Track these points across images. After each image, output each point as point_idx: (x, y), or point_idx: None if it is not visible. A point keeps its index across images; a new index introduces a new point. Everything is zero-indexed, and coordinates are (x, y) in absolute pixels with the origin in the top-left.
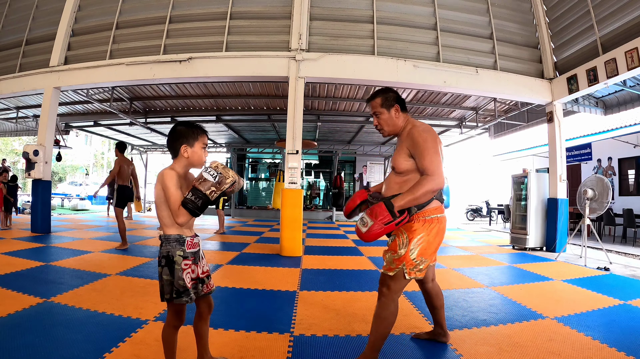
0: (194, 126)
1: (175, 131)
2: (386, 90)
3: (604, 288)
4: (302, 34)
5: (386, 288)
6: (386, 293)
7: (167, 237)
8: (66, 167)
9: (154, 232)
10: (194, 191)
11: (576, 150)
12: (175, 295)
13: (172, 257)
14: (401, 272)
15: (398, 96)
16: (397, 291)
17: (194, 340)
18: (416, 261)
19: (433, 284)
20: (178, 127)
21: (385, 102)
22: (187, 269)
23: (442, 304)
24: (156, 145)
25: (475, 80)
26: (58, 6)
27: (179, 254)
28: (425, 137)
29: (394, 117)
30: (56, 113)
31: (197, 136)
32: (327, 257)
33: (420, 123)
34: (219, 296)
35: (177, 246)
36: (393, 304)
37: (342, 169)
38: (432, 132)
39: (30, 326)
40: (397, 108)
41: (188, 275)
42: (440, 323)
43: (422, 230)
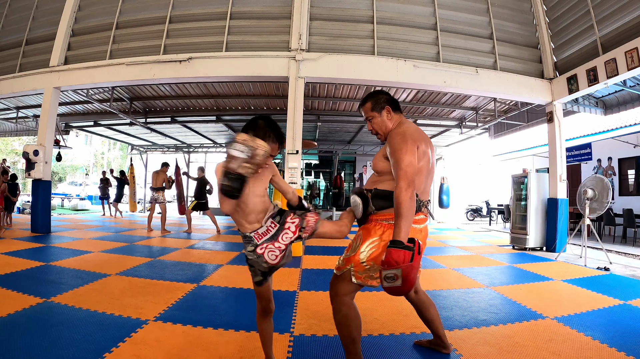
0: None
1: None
2: (376, 93)
3: (604, 288)
4: (302, 34)
5: (334, 290)
6: (333, 295)
7: (242, 235)
8: (66, 167)
9: (155, 232)
10: (225, 173)
11: (576, 150)
12: (262, 277)
13: (245, 255)
14: (348, 274)
15: (389, 98)
16: (346, 294)
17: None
18: (366, 266)
19: (417, 296)
20: (258, 120)
21: (375, 106)
22: (266, 251)
23: (434, 317)
24: (156, 145)
25: (475, 80)
26: (58, 6)
27: (250, 249)
28: (397, 141)
29: (386, 120)
30: (56, 113)
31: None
32: (327, 257)
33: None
34: (219, 296)
35: (247, 245)
36: (345, 307)
37: (342, 169)
38: (407, 134)
39: (30, 326)
40: (388, 109)
41: (271, 254)
42: (438, 334)
43: (376, 234)
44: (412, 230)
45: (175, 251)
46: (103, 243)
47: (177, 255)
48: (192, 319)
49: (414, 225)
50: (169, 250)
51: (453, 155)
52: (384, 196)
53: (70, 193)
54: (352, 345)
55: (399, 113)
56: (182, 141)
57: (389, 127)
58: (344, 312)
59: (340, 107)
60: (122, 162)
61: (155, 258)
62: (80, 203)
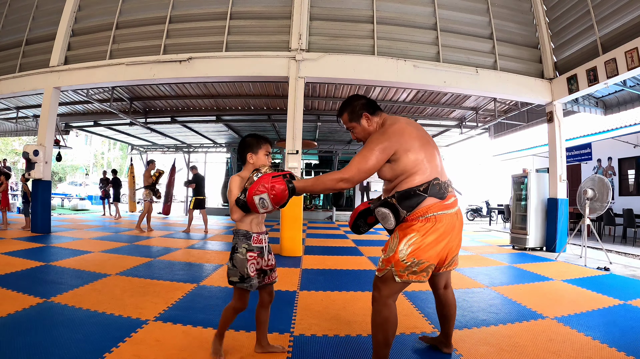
0: (258, 137)
1: (243, 142)
2: (350, 100)
3: (604, 288)
4: (302, 34)
5: (377, 291)
6: (377, 298)
7: (237, 231)
8: (66, 167)
9: (156, 233)
10: (244, 191)
11: (576, 150)
12: (239, 280)
13: (236, 249)
14: (390, 274)
15: (366, 101)
16: (389, 295)
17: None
18: (406, 263)
19: (445, 291)
20: (246, 138)
21: (352, 116)
22: (252, 260)
23: (451, 316)
24: (156, 145)
25: (475, 80)
26: (58, 6)
27: (244, 246)
28: (372, 138)
29: (366, 127)
30: (56, 113)
31: (260, 145)
32: (327, 257)
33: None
34: (219, 296)
35: (243, 240)
36: (386, 310)
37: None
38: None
39: (30, 326)
40: (366, 116)
41: (252, 266)
42: (446, 333)
43: (413, 230)
44: (449, 216)
45: (175, 251)
46: (103, 243)
47: (177, 255)
48: (192, 319)
49: (450, 210)
50: (169, 250)
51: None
52: (407, 195)
53: (70, 193)
54: (384, 349)
55: (379, 114)
56: (182, 141)
57: (372, 133)
58: (385, 315)
59: None
60: (122, 162)
61: (155, 258)
62: (80, 203)
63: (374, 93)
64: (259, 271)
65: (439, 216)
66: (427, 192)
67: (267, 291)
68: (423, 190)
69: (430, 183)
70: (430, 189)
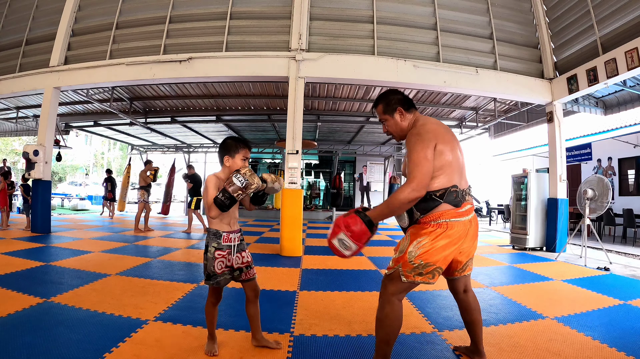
0: (237, 140)
1: (222, 143)
2: (387, 94)
3: (604, 288)
4: (302, 34)
5: (383, 288)
6: (382, 294)
7: (209, 230)
8: (66, 167)
9: (156, 233)
10: (223, 191)
11: (576, 150)
12: (206, 278)
13: (207, 247)
14: (397, 273)
15: (402, 97)
16: (394, 293)
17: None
18: (414, 264)
19: (465, 296)
20: (226, 140)
21: (387, 108)
22: (220, 259)
23: (474, 321)
24: (156, 145)
25: (475, 80)
26: (58, 6)
27: (213, 245)
28: (412, 141)
29: (399, 121)
30: (56, 113)
31: (238, 149)
32: (327, 257)
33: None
34: None
35: (213, 239)
36: (389, 307)
37: (342, 169)
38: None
39: (30, 326)
40: (400, 111)
41: (220, 263)
42: (474, 340)
43: (425, 234)
44: (462, 224)
45: (175, 251)
46: (103, 243)
47: (177, 255)
48: (192, 319)
49: (464, 218)
50: (169, 250)
51: None
52: (424, 198)
53: (70, 193)
54: (384, 347)
55: (413, 111)
56: (182, 141)
57: (403, 128)
58: (387, 311)
59: (340, 107)
60: (122, 162)
61: (155, 258)
62: (80, 203)
63: (374, 93)
64: (230, 268)
65: (451, 223)
66: (443, 198)
67: (250, 286)
68: (439, 196)
69: (447, 189)
70: (447, 196)
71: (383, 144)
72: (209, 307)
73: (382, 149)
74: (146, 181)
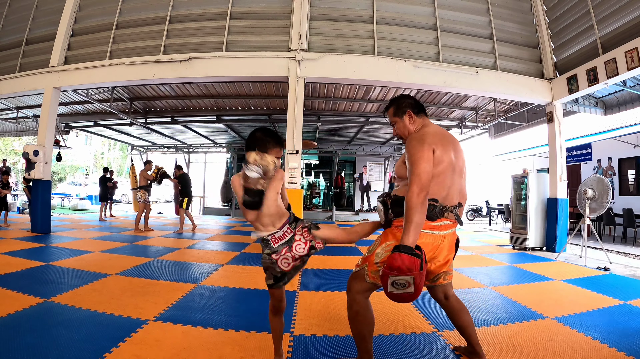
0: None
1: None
2: (399, 97)
3: (604, 288)
4: (302, 34)
5: (348, 285)
6: (347, 292)
7: (260, 238)
8: (66, 167)
9: (156, 233)
10: (246, 191)
11: (576, 150)
12: (274, 282)
13: (262, 255)
14: (362, 272)
15: (412, 102)
16: (358, 292)
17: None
18: (378, 266)
19: (447, 302)
20: (255, 133)
21: (397, 111)
22: (280, 259)
23: (463, 324)
24: (156, 145)
25: (475, 80)
26: (58, 6)
27: (267, 252)
28: (412, 145)
29: (407, 124)
30: (56, 113)
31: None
32: (327, 257)
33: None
34: (219, 296)
35: (264, 247)
36: (355, 304)
37: (342, 169)
38: (424, 137)
39: (30, 326)
40: (409, 114)
41: (284, 262)
42: (471, 342)
43: (392, 238)
44: (432, 236)
45: (175, 251)
46: (103, 243)
47: (177, 255)
48: (192, 319)
49: (435, 232)
50: (169, 250)
51: None
52: (398, 203)
53: (70, 193)
54: (361, 343)
55: (422, 116)
56: (182, 141)
57: (411, 131)
58: (355, 309)
59: (340, 107)
60: (122, 162)
61: (155, 258)
62: (80, 203)
63: (373, 93)
64: (298, 260)
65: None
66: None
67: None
68: None
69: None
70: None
71: (383, 144)
72: (272, 317)
73: (382, 149)
74: (146, 181)
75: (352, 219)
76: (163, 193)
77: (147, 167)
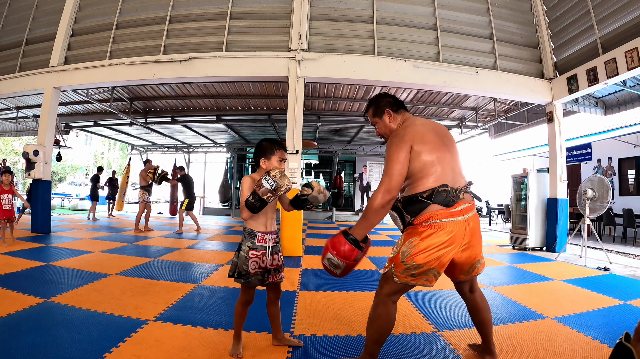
0: (273, 142)
1: (259, 145)
2: (376, 97)
3: (604, 288)
4: (302, 34)
5: (379, 288)
6: (377, 293)
7: (244, 229)
8: (66, 167)
9: (156, 233)
10: (253, 194)
11: (576, 150)
12: (236, 275)
13: (241, 246)
14: (391, 273)
15: (390, 100)
16: (389, 294)
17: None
18: (405, 264)
19: (472, 296)
20: (261, 143)
21: (376, 111)
22: (254, 258)
23: (483, 321)
24: (156, 145)
25: (475, 80)
26: (58, 6)
27: (248, 245)
28: (389, 143)
29: (387, 123)
30: (56, 113)
31: (274, 151)
32: None
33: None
34: (219, 296)
35: (248, 238)
36: (382, 306)
37: (342, 169)
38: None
39: (30, 326)
40: (388, 112)
41: (254, 264)
42: (485, 340)
43: (415, 234)
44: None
45: (175, 251)
46: (103, 243)
47: (177, 255)
48: (192, 319)
49: (458, 218)
50: (169, 250)
51: None
52: (411, 201)
53: (70, 193)
54: (373, 345)
55: (402, 112)
56: (182, 141)
57: (393, 129)
58: (380, 311)
59: (340, 107)
60: (122, 162)
61: (155, 258)
62: (80, 203)
63: (373, 93)
64: (263, 269)
65: (442, 223)
66: (431, 199)
67: (273, 289)
68: (427, 197)
69: (435, 190)
70: (435, 196)
71: (383, 144)
72: (239, 307)
73: (382, 149)
74: (146, 181)
75: (352, 219)
76: (163, 193)
77: (147, 167)
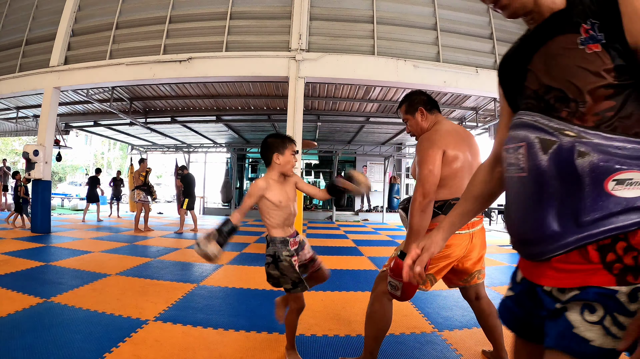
0: (282, 136)
1: (266, 143)
2: (411, 94)
3: None
4: (302, 34)
5: (375, 285)
6: (373, 290)
7: (273, 239)
8: (66, 167)
9: (156, 233)
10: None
11: None
12: (292, 286)
13: (278, 257)
14: (387, 273)
15: (425, 98)
16: (385, 292)
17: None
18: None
19: (478, 303)
20: (268, 139)
21: (409, 108)
22: (296, 263)
23: (490, 326)
24: (156, 145)
25: (475, 80)
26: (58, 6)
27: (286, 254)
28: (421, 147)
29: (419, 121)
30: (56, 113)
31: (285, 144)
32: (327, 257)
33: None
34: (219, 296)
35: (283, 248)
36: (377, 304)
37: (342, 169)
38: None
39: (30, 326)
40: (421, 111)
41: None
42: (496, 347)
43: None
44: (461, 237)
45: (175, 251)
46: (103, 243)
47: (177, 255)
48: (192, 319)
49: (463, 231)
50: (169, 250)
51: None
52: None
53: (70, 193)
54: (372, 343)
55: (435, 113)
56: (182, 141)
57: (424, 129)
58: (375, 308)
59: (340, 107)
60: (122, 162)
61: (155, 258)
62: (80, 203)
63: (373, 93)
64: (300, 267)
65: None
66: (442, 210)
67: (321, 274)
68: (438, 207)
69: (447, 202)
70: (446, 208)
71: (383, 144)
72: (294, 316)
73: (382, 149)
74: (138, 182)
75: (352, 219)
76: (163, 194)
77: (141, 167)
